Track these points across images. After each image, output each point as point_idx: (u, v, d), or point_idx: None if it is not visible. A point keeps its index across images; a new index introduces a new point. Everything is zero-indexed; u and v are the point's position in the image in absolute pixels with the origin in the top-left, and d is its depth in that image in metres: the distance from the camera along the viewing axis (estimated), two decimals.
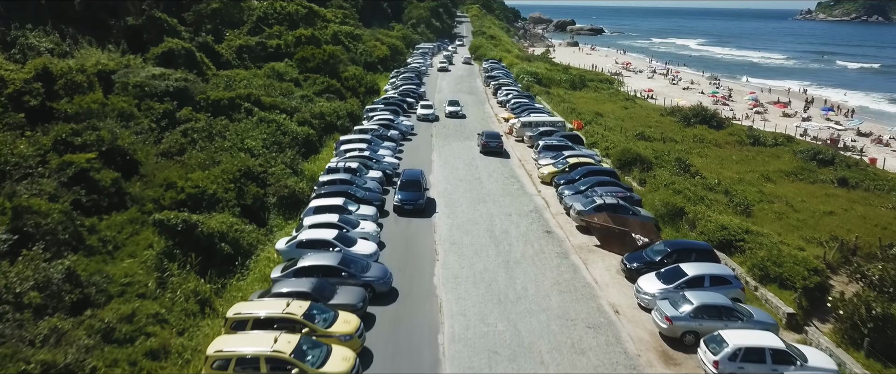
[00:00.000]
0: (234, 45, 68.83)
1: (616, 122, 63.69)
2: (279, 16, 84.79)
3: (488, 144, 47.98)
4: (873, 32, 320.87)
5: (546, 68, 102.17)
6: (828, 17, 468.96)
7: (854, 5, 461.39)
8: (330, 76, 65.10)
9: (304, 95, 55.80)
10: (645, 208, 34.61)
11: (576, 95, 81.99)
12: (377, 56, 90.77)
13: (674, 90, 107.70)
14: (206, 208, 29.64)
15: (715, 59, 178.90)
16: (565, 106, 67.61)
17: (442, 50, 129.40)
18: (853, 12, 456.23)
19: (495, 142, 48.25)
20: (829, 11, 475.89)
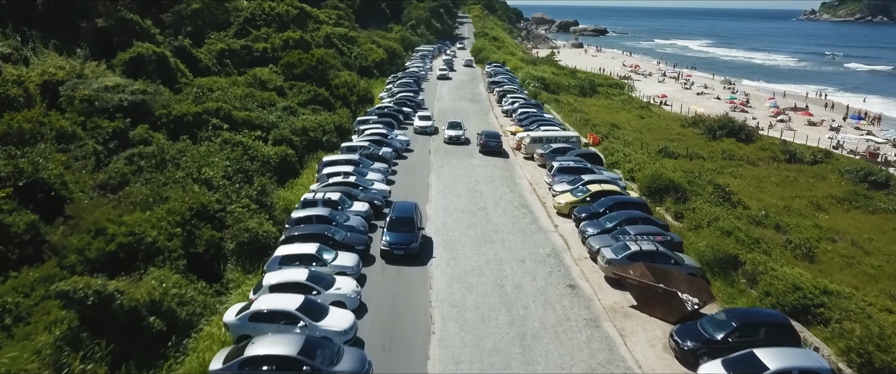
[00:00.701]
0: (214, 49, 62.44)
1: (634, 135, 57.29)
2: (267, 17, 78.41)
3: (488, 144, 47.72)
4: (878, 33, 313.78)
5: (552, 72, 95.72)
6: (832, 17, 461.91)
7: (858, 6, 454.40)
8: (318, 84, 58.71)
9: (286, 107, 49.41)
10: (687, 253, 28.17)
11: (586, 102, 75.50)
12: (373, 60, 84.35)
13: (687, 96, 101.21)
14: (144, 261, 23.28)
15: (722, 61, 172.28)
16: (577, 116, 61.11)
17: (443, 52, 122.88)
18: (857, 13, 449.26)
19: (495, 141, 47.97)
20: (833, 12, 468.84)
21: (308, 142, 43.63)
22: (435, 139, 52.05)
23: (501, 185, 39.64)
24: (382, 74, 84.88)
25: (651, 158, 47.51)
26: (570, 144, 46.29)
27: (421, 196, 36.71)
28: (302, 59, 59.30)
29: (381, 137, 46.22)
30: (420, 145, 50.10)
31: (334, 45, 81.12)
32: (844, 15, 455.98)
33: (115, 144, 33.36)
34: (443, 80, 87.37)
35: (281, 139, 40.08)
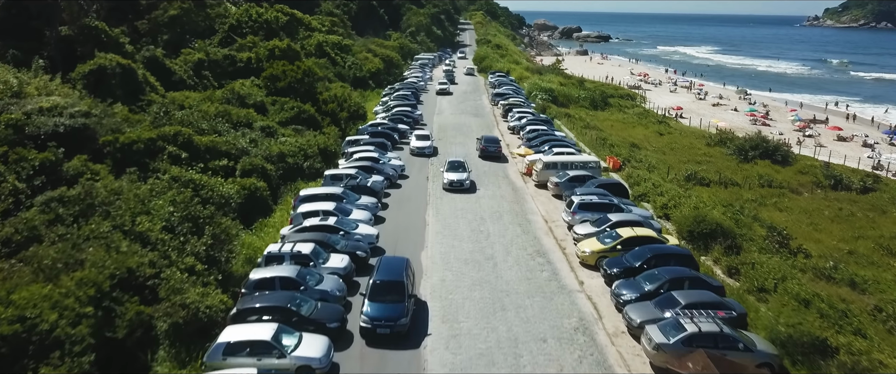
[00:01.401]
0: (191, 59, 56.21)
1: (656, 155, 50.99)
2: (254, 24, 72.24)
3: (487, 149, 47.71)
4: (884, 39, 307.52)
5: (560, 83, 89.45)
6: (836, 23, 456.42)
7: (862, 11, 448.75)
8: (304, 98, 52.44)
9: (265, 127, 43.14)
10: (754, 330, 21.81)
11: (599, 117, 69.20)
12: (368, 70, 78.16)
13: (702, 107, 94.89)
14: (35, 358, 17.00)
15: (730, 69, 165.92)
16: (592, 134, 54.79)
17: (443, 60, 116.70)
18: (861, 18, 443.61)
19: (494, 146, 48.06)
20: (837, 17, 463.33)
21: (285, 170, 37.34)
22: (435, 163, 45.75)
23: (511, 223, 33.30)
24: (378, 85, 78.68)
25: (680, 186, 41.28)
26: (588, 170, 39.98)
27: (415, 239, 30.41)
28: (286, 71, 53.07)
29: (372, 163, 39.90)
30: (417, 170, 43.79)
31: (326, 55, 74.96)
32: (848, 21, 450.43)
33: (43, 181, 27.04)
34: (443, 95, 77.99)
35: (251, 169, 33.78)
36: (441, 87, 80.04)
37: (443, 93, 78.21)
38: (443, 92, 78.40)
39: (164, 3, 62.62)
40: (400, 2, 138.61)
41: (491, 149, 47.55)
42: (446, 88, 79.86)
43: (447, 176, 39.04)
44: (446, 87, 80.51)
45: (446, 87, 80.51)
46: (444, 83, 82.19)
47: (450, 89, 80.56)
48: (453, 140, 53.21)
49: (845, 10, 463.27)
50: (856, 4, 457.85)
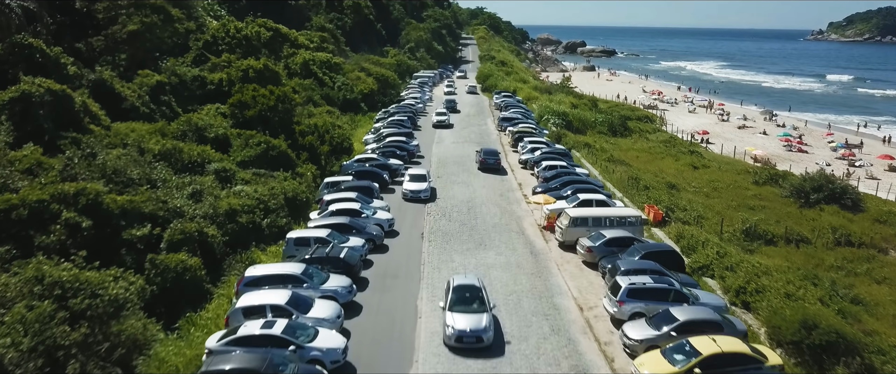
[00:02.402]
0: (148, 82, 47.41)
1: (698, 198, 41.96)
2: (232, 40, 63.57)
3: (486, 162, 46.58)
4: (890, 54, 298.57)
5: (572, 104, 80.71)
6: (840, 37, 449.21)
7: (867, 25, 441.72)
8: (277, 129, 43.71)
9: (221, 170, 34.29)
10: None
11: (621, 145, 60.24)
12: (360, 91, 69.39)
13: (728, 130, 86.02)
14: None
15: (741, 85, 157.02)
16: (620, 171, 45.77)
17: (444, 77, 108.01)
18: (866, 32, 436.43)
19: (493, 158, 47.03)
20: (842, 32, 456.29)
21: (236, 233, 28.40)
22: (432, 212, 36.78)
23: (534, 313, 24.18)
24: (371, 107, 69.90)
25: (740, 244, 32.32)
26: (628, 227, 30.99)
27: (399, 350, 21.32)
28: (257, 97, 44.23)
29: (351, 220, 30.88)
30: (409, 223, 34.78)
31: (313, 74, 66.29)
32: (853, 35, 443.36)
33: None
34: (441, 127, 63.58)
35: (182, 239, 24.80)
36: (439, 119, 64.71)
37: (441, 125, 63.88)
38: (441, 124, 63.98)
39: (123, 17, 54.01)
40: (399, 16, 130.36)
41: (490, 161, 46.61)
42: (445, 120, 64.85)
43: (452, 321, 21.60)
44: (445, 118, 65.04)
45: (445, 118, 65.04)
46: (444, 115, 65.99)
47: (449, 121, 65.56)
48: (455, 178, 44.23)
49: (850, 24, 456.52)
50: (860, 18, 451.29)
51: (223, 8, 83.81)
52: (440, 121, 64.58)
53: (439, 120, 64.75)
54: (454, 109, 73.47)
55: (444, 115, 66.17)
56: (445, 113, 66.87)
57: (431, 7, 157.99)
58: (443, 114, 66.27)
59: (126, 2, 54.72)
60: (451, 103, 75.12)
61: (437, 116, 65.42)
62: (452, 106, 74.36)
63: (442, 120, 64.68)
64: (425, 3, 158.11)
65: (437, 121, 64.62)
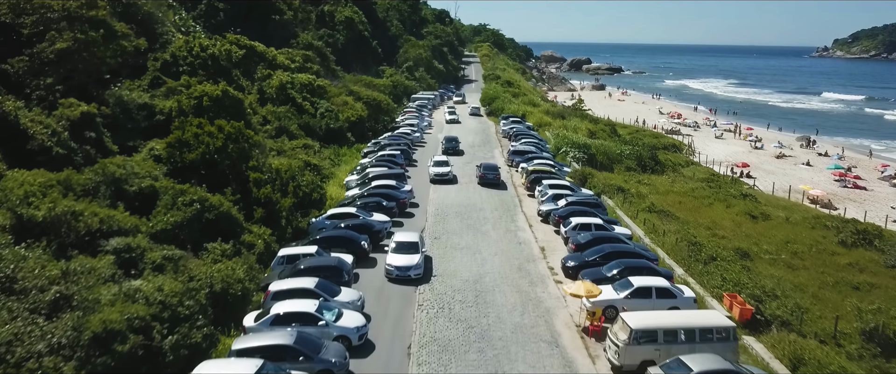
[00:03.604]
0: (71, 115, 36.87)
1: (780, 268, 31.19)
2: (196, 60, 53.27)
3: (486, 176, 45.50)
4: None
5: (589, 129, 70.37)
6: (845, 54, 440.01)
7: (873, 42, 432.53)
8: (226, 178, 33.25)
9: (125, 249, 23.79)
10: None
11: (657, 184, 49.57)
12: (347, 118, 58.84)
13: (765, 159, 75.38)
14: None
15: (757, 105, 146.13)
16: (671, 230, 35.00)
17: (445, 99, 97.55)
18: (872, 50, 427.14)
19: (493, 173, 45.81)
20: (847, 49, 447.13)
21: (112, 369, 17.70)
22: (425, 299, 26.09)
23: None
24: (360, 138, 59.38)
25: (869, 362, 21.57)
26: (717, 344, 20.28)
27: None
28: (201, 135, 33.69)
29: (295, 339, 20.10)
30: (391, 323, 24.04)
31: (291, 100, 55.87)
32: (858, 52, 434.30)
33: None
34: (440, 181, 46.05)
35: None
36: (438, 171, 46.59)
37: (439, 178, 46.07)
38: (440, 178, 46.13)
39: (52, 33, 43.72)
40: (397, 32, 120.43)
41: (490, 176, 45.59)
42: (446, 173, 46.56)
43: None
44: (447, 172, 46.73)
45: (447, 172, 46.73)
46: (444, 165, 47.50)
47: (451, 173, 47.17)
48: (457, 239, 33.54)
49: (855, 40, 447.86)
50: (866, 35, 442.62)
51: (198, 23, 73.79)
52: (439, 174, 46.11)
53: (438, 173, 46.16)
54: (456, 150, 56.80)
55: (445, 166, 47.41)
56: (445, 162, 48.23)
57: (432, 23, 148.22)
58: (443, 164, 47.71)
59: (57, 14, 44.49)
60: (452, 143, 57.52)
61: (436, 167, 46.99)
62: (454, 147, 57.05)
63: (442, 173, 46.31)
64: (425, 19, 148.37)
65: (434, 173, 46.26)
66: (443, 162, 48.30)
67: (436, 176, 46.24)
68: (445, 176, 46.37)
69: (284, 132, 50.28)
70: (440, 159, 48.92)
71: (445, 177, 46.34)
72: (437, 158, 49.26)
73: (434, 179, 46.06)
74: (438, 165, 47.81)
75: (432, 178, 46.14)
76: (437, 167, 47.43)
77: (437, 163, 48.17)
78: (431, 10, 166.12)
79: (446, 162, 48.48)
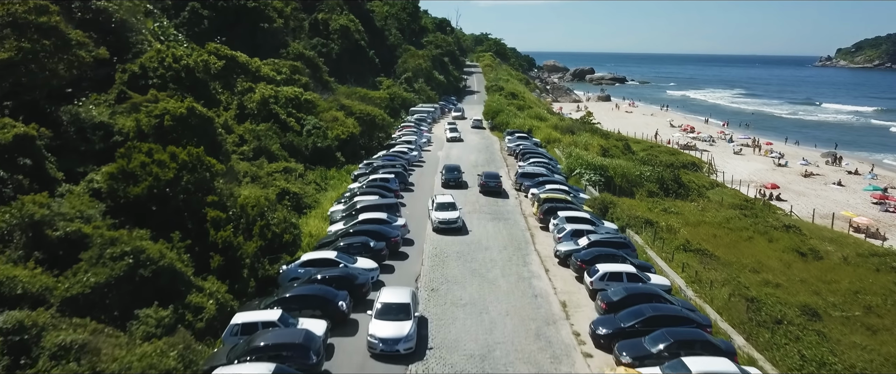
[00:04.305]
0: (1, 139, 30.86)
1: (859, 333, 24.91)
2: (167, 72, 47.29)
3: (487, 185, 44.61)
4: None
5: (601, 146, 64.31)
6: (849, 63, 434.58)
7: (876, 52, 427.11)
8: (181, 217, 27.19)
9: (19, 328, 17.59)
10: None
11: (686, 213, 43.31)
12: (337, 136, 52.76)
13: (792, 178, 69.22)
14: None
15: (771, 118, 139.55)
16: (719, 280, 28.78)
17: (447, 111, 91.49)
18: (876, 59, 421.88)
19: (494, 182, 44.87)
20: (851, 58, 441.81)
21: None
22: None
23: None
24: (351, 158, 53.30)
25: None
26: None
27: None
28: (149, 166, 27.60)
29: None
30: None
31: (274, 116, 49.86)
32: (862, 61, 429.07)
33: None
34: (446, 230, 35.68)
35: None
36: (443, 217, 35.86)
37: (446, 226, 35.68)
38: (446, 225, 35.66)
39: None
40: (395, 42, 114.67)
41: (491, 184, 44.89)
42: (453, 220, 35.87)
43: None
44: (454, 218, 35.97)
45: (454, 218, 35.97)
46: (448, 208, 36.76)
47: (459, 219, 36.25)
48: (459, 291, 27.33)
49: (859, 50, 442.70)
50: (869, 45, 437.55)
51: (181, 32, 67.93)
52: (444, 221, 35.51)
53: (442, 220, 35.48)
54: (459, 181, 46.62)
55: (451, 210, 36.39)
56: (452, 205, 36.99)
57: (433, 32, 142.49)
58: (447, 206, 36.68)
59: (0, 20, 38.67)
60: (453, 174, 46.89)
61: (439, 212, 36.17)
62: (456, 178, 46.72)
63: (448, 219, 35.51)
64: (426, 28, 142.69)
65: (438, 220, 35.57)
66: (448, 204, 37.08)
67: (440, 224, 35.69)
68: (453, 224, 35.65)
69: (264, 153, 44.23)
70: (444, 201, 37.50)
71: (453, 225, 35.63)
72: (440, 200, 37.71)
73: (438, 227, 35.70)
74: (442, 208, 36.72)
75: (435, 226, 35.81)
76: (441, 212, 36.29)
77: (441, 206, 36.98)
78: (432, 18, 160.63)
79: (452, 204, 37.20)
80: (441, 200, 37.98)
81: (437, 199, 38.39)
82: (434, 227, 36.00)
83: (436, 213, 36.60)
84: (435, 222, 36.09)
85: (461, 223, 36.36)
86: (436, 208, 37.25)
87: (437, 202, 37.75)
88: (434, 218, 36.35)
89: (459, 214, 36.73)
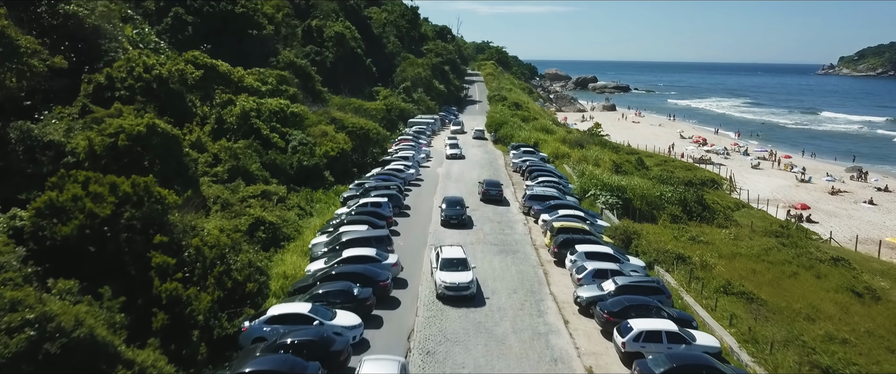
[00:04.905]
0: None
1: None
2: (137, 82, 42.19)
3: (488, 193, 44.15)
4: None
5: (613, 161, 59.27)
6: (852, 72, 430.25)
7: (879, 60, 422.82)
8: (122, 260, 22.02)
9: None
10: None
11: (717, 242, 38.06)
12: (325, 153, 47.58)
13: (819, 195, 64.00)
14: None
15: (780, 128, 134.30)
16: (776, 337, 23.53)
17: (447, 123, 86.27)
18: (879, 67, 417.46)
19: (495, 190, 44.51)
20: (853, 66, 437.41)
21: None
22: None
23: None
24: (340, 177, 48.08)
25: None
26: None
27: None
28: (83, 200, 22.43)
29: None
30: None
31: (255, 132, 44.74)
32: (865, 69, 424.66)
33: None
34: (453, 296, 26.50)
35: None
36: (450, 280, 26.61)
37: (454, 290, 26.48)
38: (454, 291, 26.46)
39: None
40: (394, 50, 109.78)
41: (492, 192, 44.24)
42: (466, 284, 26.58)
43: None
44: (466, 282, 26.64)
45: (466, 282, 26.64)
46: (456, 266, 27.60)
47: (472, 282, 26.93)
48: (461, 363, 21.98)
49: (861, 58, 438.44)
50: (872, 53, 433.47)
51: (163, 39, 62.99)
52: (452, 285, 26.47)
53: (450, 285, 26.44)
54: (461, 219, 37.58)
55: (460, 270, 27.22)
56: (462, 262, 27.80)
57: (433, 40, 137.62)
58: (455, 264, 27.55)
59: None
60: (455, 210, 37.85)
61: (445, 273, 27.02)
62: (459, 214, 37.64)
63: (457, 284, 26.43)
64: (426, 36, 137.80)
65: (444, 284, 26.52)
66: (457, 262, 27.41)
67: (447, 291, 26.32)
68: (464, 291, 26.23)
69: (240, 174, 39.06)
70: (452, 256, 27.84)
71: (464, 292, 26.24)
72: (448, 254, 28.10)
73: (444, 293, 26.37)
74: (450, 266, 27.17)
75: (439, 292, 26.63)
76: (448, 273, 26.80)
77: (449, 264, 27.35)
78: (432, 26, 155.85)
79: (464, 262, 27.58)
80: (448, 253, 28.22)
81: (442, 252, 28.45)
82: (439, 293, 26.79)
83: (441, 274, 26.90)
84: (440, 287, 26.60)
85: (475, 289, 26.74)
86: (441, 266, 27.39)
87: (442, 258, 27.81)
88: (438, 281, 26.78)
89: (473, 274, 27.15)
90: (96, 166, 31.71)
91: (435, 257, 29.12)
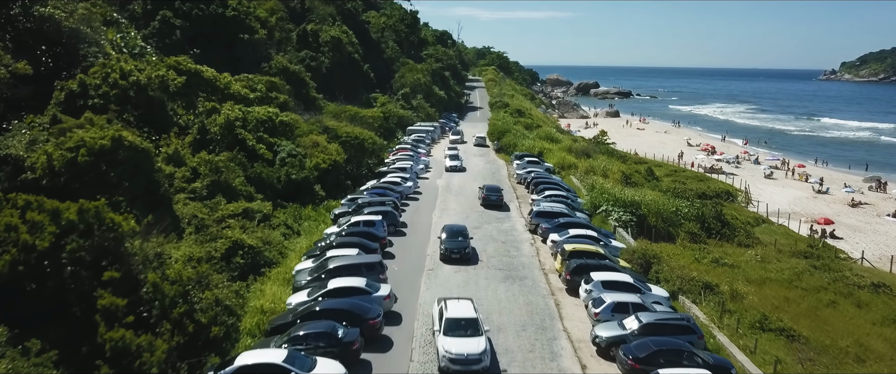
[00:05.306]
0: None
1: None
2: (113, 90, 38.83)
3: (489, 198, 43.72)
4: None
5: (622, 172, 55.85)
6: (854, 77, 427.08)
7: (881, 65, 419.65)
8: (67, 297, 18.56)
9: None
10: None
11: (744, 264, 34.56)
12: (316, 165, 44.13)
13: (839, 208, 60.55)
14: None
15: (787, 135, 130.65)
16: None
17: (447, 130, 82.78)
18: (881, 72, 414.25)
19: (496, 195, 43.99)
20: (855, 72, 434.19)
21: None
22: None
23: None
24: (332, 191, 44.60)
25: None
26: None
27: None
28: (18, 231, 19.06)
29: None
30: None
31: (240, 143, 41.32)
32: (867, 75, 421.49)
33: None
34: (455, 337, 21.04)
35: None
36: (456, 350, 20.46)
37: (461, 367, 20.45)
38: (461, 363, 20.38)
39: None
40: (393, 55, 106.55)
41: (493, 197, 43.70)
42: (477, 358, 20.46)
43: None
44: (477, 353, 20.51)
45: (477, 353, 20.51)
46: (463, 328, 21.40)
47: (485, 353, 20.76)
48: None
49: (863, 63, 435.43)
50: (874, 58, 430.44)
51: (150, 44, 59.70)
52: (462, 359, 20.39)
53: (459, 354, 20.49)
54: (464, 253, 31.61)
55: (470, 334, 21.26)
56: (473, 322, 21.81)
57: (433, 45, 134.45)
58: (461, 326, 21.56)
59: None
60: (457, 243, 31.89)
61: (449, 338, 21.04)
62: (462, 247, 31.72)
63: (468, 355, 20.47)
64: (425, 41, 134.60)
65: (451, 357, 20.45)
66: (465, 323, 21.62)
67: (451, 363, 20.41)
68: (473, 363, 20.38)
69: (221, 190, 35.63)
70: (460, 316, 21.91)
71: (473, 366, 20.38)
72: (453, 313, 22.12)
73: (449, 367, 20.45)
74: (456, 328, 21.40)
75: (442, 365, 20.63)
76: (454, 338, 21.00)
77: (454, 324, 21.55)
78: (432, 31, 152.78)
79: (474, 322, 21.73)
80: (454, 312, 22.07)
81: (447, 311, 22.21)
82: (441, 366, 20.66)
83: (445, 341, 20.89)
84: (443, 359, 20.56)
85: (488, 362, 20.75)
86: (444, 328, 21.41)
87: (447, 317, 21.81)
88: (442, 349, 20.71)
89: (486, 340, 21.24)
90: (55, 184, 28.47)
91: (437, 314, 22.69)
